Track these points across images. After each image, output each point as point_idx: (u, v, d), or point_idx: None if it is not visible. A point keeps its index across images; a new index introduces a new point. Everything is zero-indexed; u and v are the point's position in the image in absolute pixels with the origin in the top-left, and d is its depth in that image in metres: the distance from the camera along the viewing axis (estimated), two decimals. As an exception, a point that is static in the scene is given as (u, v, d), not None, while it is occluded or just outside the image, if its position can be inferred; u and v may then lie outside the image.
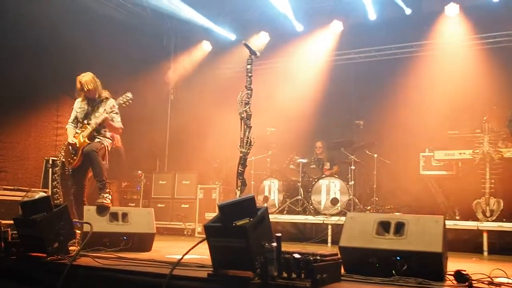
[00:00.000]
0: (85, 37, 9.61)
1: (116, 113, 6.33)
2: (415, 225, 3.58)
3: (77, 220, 4.95)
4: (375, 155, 8.90)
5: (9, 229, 4.45)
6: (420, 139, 8.86)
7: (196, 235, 9.68)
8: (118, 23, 10.61)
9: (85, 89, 6.23)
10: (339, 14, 10.60)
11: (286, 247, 3.02)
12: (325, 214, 8.55)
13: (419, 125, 9.09)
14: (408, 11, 9.83)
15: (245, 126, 5.16)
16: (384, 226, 3.66)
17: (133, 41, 10.83)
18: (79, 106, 6.42)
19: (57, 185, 8.53)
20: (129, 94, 6.37)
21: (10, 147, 9.36)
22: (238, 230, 3.14)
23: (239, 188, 5.07)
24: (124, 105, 6.29)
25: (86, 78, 6.27)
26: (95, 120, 6.18)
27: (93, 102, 6.35)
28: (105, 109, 6.20)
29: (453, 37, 9.64)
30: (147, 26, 11.44)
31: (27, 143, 9.55)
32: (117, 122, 6.34)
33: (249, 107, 5.20)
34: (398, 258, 3.45)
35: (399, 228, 3.62)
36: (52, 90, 9.68)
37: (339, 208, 8.56)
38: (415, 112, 9.23)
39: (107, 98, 6.34)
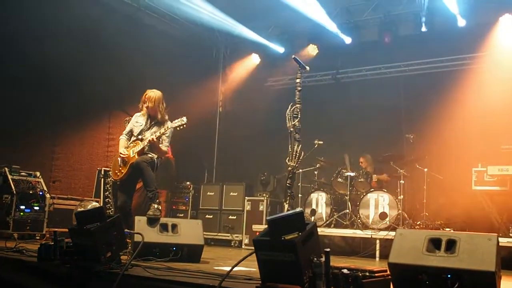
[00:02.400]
0: (137, 51, 9.89)
1: (167, 136, 6.36)
2: (467, 242, 3.49)
3: (128, 231, 5.05)
4: (425, 170, 8.72)
5: (64, 238, 4.59)
6: (472, 154, 8.61)
7: (243, 246, 9.71)
8: (169, 37, 10.89)
9: (146, 104, 6.35)
10: (388, 26, 10.50)
11: (333, 261, 3.00)
12: (373, 229, 8.43)
13: (471, 139, 8.86)
14: (462, 22, 9.62)
15: (294, 140, 5.17)
16: (434, 243, 3.58)
17: (183, 55, 11.07)
18: (136, 120, 6.52)
19: (109, 195, 8.76)
20: (184, 119, 6.29)
21: (65, 157, 9.69)
22: (286, 244, 3.14)
23: (287, 202, 5.07)
24: (178, 129, 6.29)
25: (151, 94, 6.38)
26: (148, 139, 6.25)
27: (152, 121, 6.44)
28: (159, 131, 6.28)
29: (507, 48, 9.37)
30: (197, 40, 11.69)
31: (81, 154, 9.85)
32: (164, 146, 6.36)
33: (298, 121, 5.21)
34: (448, 276, 3.37)
35: (451, 245, 3.53)
36: (104, 103, 9.98)
37: (388, 222, 8.43)
38: (467, 126, 9.02)
39: (166, 121, 6.41)
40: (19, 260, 4.79)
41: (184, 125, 6.28)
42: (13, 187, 7.81)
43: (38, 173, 8.44)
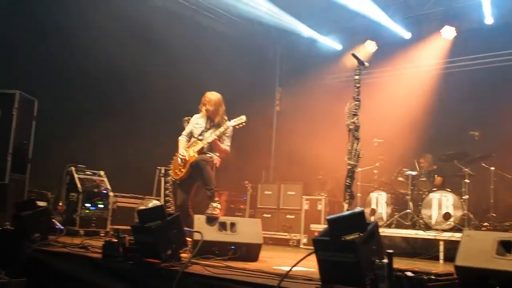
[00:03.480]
0: (195, 52, 10.03)
1: (228, 136, 6.41)
2: (541, 246, 3.31)
3: (188, 229, 5.10)
4: (492, 168, 8.37)
5: (126, 235, 4.70)
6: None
7: (301, 246, 9.65)
8: (226, 37, 10.97)
9: (206, 107, 6.41)
10: (451, 19, 10.16)
11: (395, 263, 2.91)
12: (436, 229, 8.16)
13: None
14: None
15: (353, 138, 5.07)
16: (505, 246, 3.41)
17: (240, 54, 11.11)
18: (196, 122, 6.57)
19: (169, 193, 8.91)
20: (243, 117, 6.32)
21: (127, 157, 9.93)
22: (347, 244, 3.08)
23: (346, 201, 4.98)
24: (237, 127, 6.34)
25: (212, 97, 6.45)
26: (207, 140, 6.30)
27: (211, 122, 6.48)
28: (219, 131, 6.32)
29: None
30: (254, 39, 11.71)
31: (140, 153, 10.07)
32: (225, 145, 6.40)
33: (357, 119, 5.11)
34: (521, 281, 3.20)
35: (522, 248, 3.36)
36: (163, 104, 10.16)
37: (452, 223, 8.13)
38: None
39: (225, 120, 6.43)
40: (85, 256, 4.95)
41: (244, 123, 6.30)
42: (79, 185, 8.09)
43: (102, 172, 8.71)
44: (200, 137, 6.41)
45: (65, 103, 8.77)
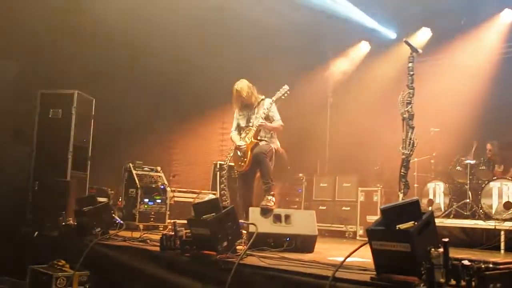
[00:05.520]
0: (243, 45, 10.05)
1: (273, 111, 6.44)
2: None
3: (243, 221, 5.17)
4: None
5: (183, 228, 4.80)
6: None
7: (357, 238, 9.57)
8: (275, 29, 10.92)
9: (243, 95, 6.46)
10: (510, 2, 9.76)
11: (454, 253, 2.85)
12: (497, 219, 7.90)
13: None
14: None
15: (408, 127, 4.99)
16: None
17: (290, 46, 11.03)
18: (239, 114, 6.67)
19: (224, 187, 9.02)
20: (286, 86, 6.33)
21: (182, 153, 10.16)
22: (402, 234, 3.03)
23: (402, 191, 4.91)
24: (283, 97, 6.33)
25: (240, 85, 6.48)
26: (257, 121, 6.34)
27: (251, 107, 6.55)
28: (263, 112, 6.34)
29: None
30: (305, 29, 11.56)
31: (197, 149, 10.25)
32: (277, 121, 6.44)
33: (411, 107, 5.02)
34: None
35: None
36: (217, 99, 10.29)
37: (514, 212, 7.87)
38: None
39: (263, 99, 6.48)
40: (144, 250, 5.09)
41: (287, 92, 6.31)
42: (137, 181, 8.32)
43: (159, 168, 8.91)
44: (250, 124, 6.48)
45: (121, 102, 9.02)
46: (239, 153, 6.49)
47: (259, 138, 6.39)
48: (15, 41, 7.95)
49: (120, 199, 8.48)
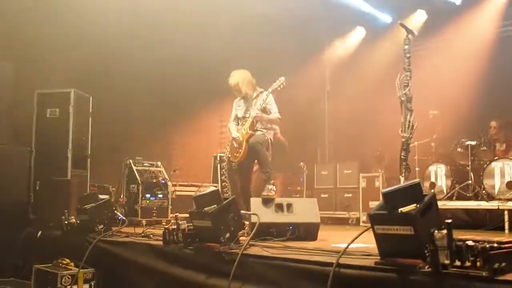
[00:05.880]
0: (239, 34, 10.00)
1: (271, 104, 6.46)
2: None
3: (245, 212, 5.15)
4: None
5: (185, 221, 4.79)
6: None
7: (361, 224, 9.57)
8: (270, 17, 10.83)
9: (239, 87, 6.46)
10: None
11: (457, 234, 2.83)
12: (500, 199, 7.88)
13: None
14: None
15: (406, 110, 4.97)
16: None
17: (285, 34, 10.95)
18: (237, 104, 6.71)
19: (225, 179, 9.01)
20: (282, 78, 6.37)
21: (182, 147, 10.14)
22: (404, 217, 3.02)
23: (403, 175, 4.89)
24: (279, 88, 6.37)
25: (237, 75, 6.52)
26: (254, 112, 6.37)
27: (250, 98, 6.57)
28: (259, 104, 6.36)
29: None
30: (299, 18, 11.48)
31: (196, 142, 10.23)
32: (274, 113, 6.46)
33: (409, 90, 5.01)
34: None
35: None
36: (214, 91, 10.25)
37: (517, 192, 7.85)
38: None
39: (261, 92, 6.51)
40: (148, 244, 5.09)
41: (283, 84, 6.33)
42: (138, 177, 8.30)
43: (159, 163, 8.88)
44: (246, 115, 6.48)
45: (118, 98, 9.00)
46: (235, 144, 6.51)
47: (255, 129, 6.39)
48: (9, 42, 7.91)
49: (121, 196, 8.47)
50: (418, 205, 3.03)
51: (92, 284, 5.17)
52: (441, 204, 7.55)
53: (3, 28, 7.81)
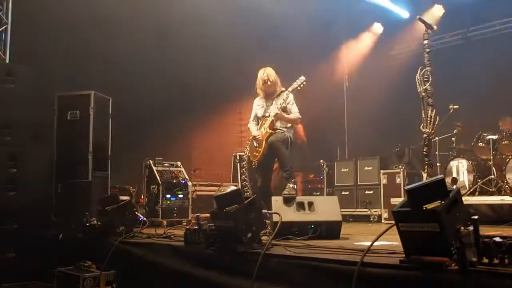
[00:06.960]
0: (255, 33, 9.98)
1: (292, 103, 6.42)
2: None
3: (266, 211, 5.13)
4: None
5: (206, 221, 4.78)
6: None
7: (382, 221, 9.48)
8: (288, 19, 10.81)
9: (270, 81, 6.40)
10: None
11: (483, 230, 2.78)
12: (524, 194, 7.76)
13: None
14: None
15: (427, 105, 4.90)
16: None
17: (304, 34, 10.91)
18: (257, 103, 6.67)
19: (245, 178, 8.97)
20: (302, 77, 6.33)
21: (202, 146, 10.15)
22: (429, 214, 2.96)
23: (425, 171, 4.83)
24: (299, 88, 6.33)
25: (267, 71, 6.48)
26: (274, 112, 6.33)
27: (271, 97, 6.54)
28: (280, 103, 6.32)
29: None
30: (316, 17, 11.42)
31: (216, 141, 10.23)
32: (294, 113, 6.43)
33: (429, 85, 4.93)
34: None
35: None
36: (233, 90, 10.25)
37: (541, 186, 7.71)
38: None
39: (282, 91, 6.48)
40: (169, 245, 5.08)
41: (304, 83, 6.27)
42: (158, 178, 8.32)
43: (179, 163, 8.90)
44: (266, 114, 6.46)
45: (138, 99, 9.03)
46: (255, 143, 6.48)
47: (275, 128, 6.37)
48: (30, 46, 7.98)
49: (142, 197, 8.50)
50: (443, 202, 2.98)
51: (114, 286, 5.17)
52: (464, 200, 7.41)
53: (24, 33, 7.88)
